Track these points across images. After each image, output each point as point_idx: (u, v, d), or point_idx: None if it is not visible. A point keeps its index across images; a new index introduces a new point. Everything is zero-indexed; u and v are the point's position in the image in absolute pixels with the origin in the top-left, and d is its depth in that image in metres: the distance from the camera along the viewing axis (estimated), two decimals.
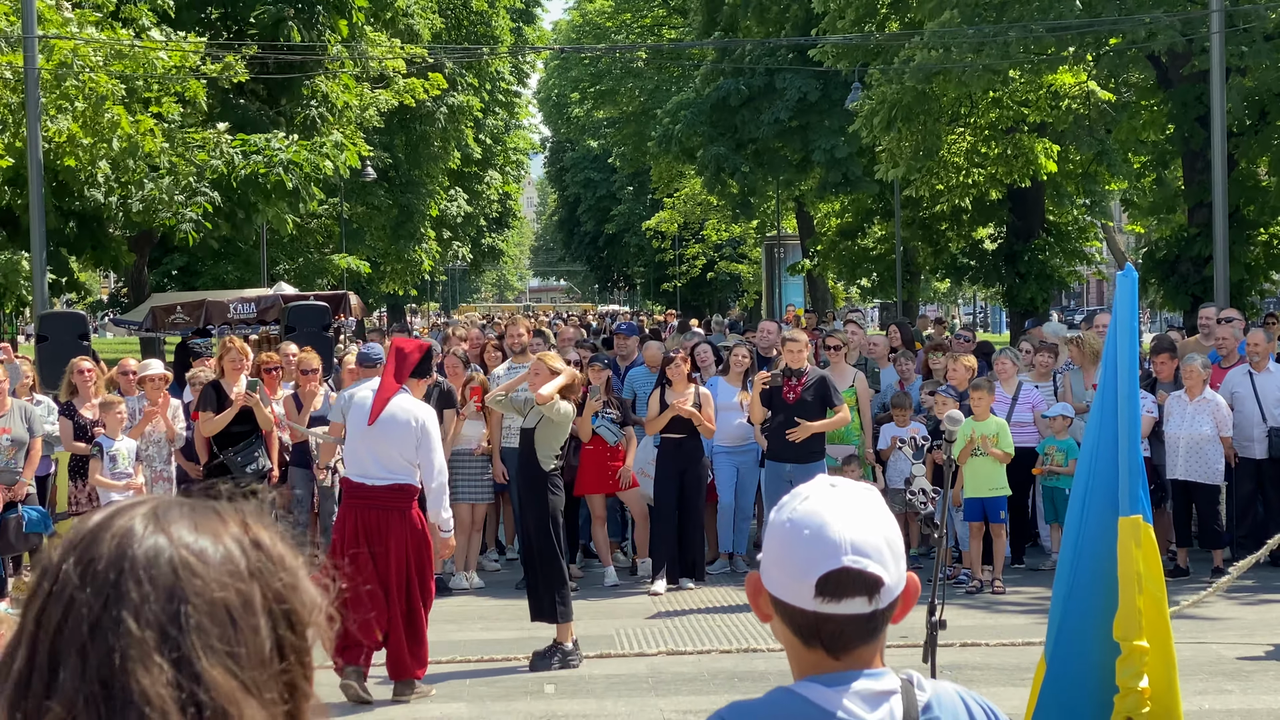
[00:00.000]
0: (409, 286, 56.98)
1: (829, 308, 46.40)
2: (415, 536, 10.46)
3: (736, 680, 10.76)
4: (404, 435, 10.38)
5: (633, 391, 15.80)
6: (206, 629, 1.47)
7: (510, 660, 11.53)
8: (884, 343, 17.53)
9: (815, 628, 2.36)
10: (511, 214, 74.71)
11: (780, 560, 2.39)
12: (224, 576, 1.51)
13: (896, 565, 2.38)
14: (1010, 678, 10.56)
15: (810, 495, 2.41)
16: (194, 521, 1.55)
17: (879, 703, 2.37)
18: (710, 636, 12.35)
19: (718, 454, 15.16)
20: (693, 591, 14.31)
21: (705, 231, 66.87)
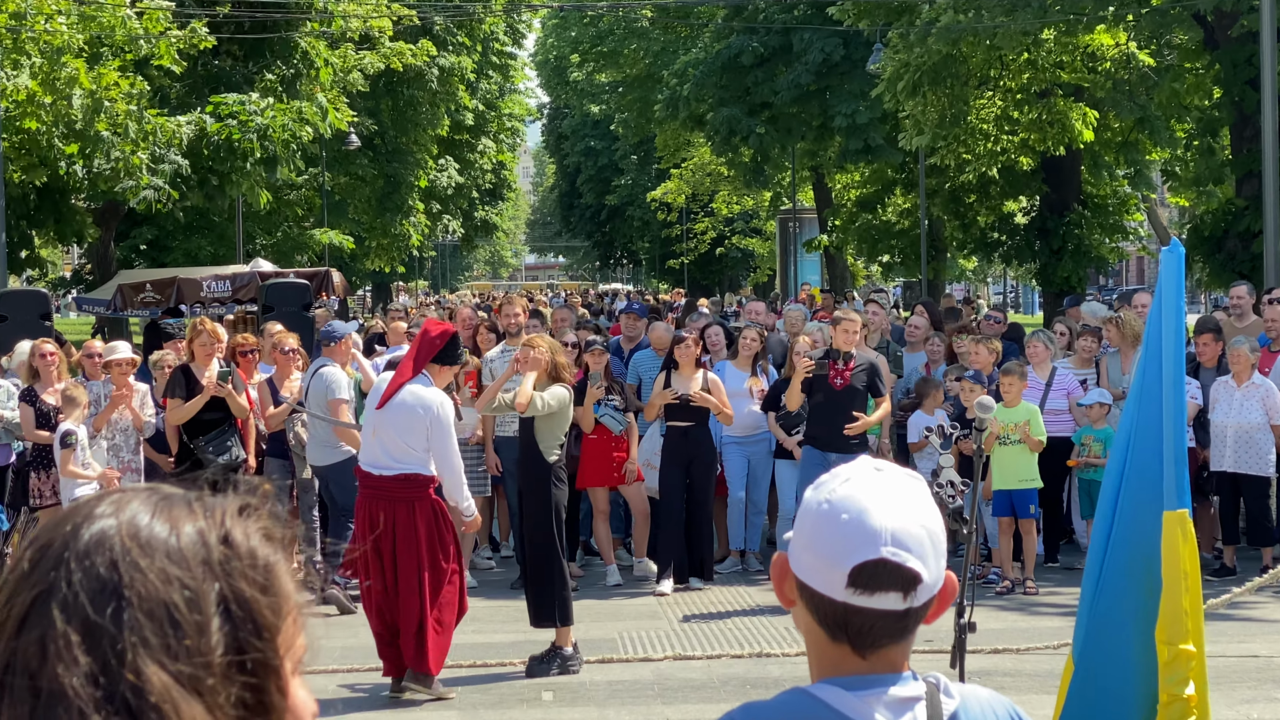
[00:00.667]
0: (395, 263, 57.02)
1: (848, 286, 46.38)
2: (427, 530, 10.51)
3: (749, 687, 10.76)
4: (411, 424, 10.43)
5: (638, 376, 15.78)
6: (142, 623, 1.46)
7: (505, 665, 11.54)
8: (924, 326, 17.48)
9: (843, 620, 2.35)
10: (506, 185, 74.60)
11: (813, 544, 2.37)
12: (170, 568, 1.49)
13: (937, 562, 2.37)
14: (1044, 685, 10.56)
15: (852, 477, 2.39)
16: (156, 508, 1.54)
17: (902, 711, 2.36)
18: (720, 640, 12.36)
19: (727, 444, 15.15)
20: (701, 592, 14.31)
21: (715, 204, 66.83)
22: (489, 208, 72.44)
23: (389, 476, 10.52)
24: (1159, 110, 32.15)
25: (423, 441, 10.48)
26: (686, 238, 72.22)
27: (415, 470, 10.52)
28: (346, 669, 11.41)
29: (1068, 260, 34.42)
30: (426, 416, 10.42)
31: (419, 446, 10.48)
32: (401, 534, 10.46)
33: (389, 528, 10.49)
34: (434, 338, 10.70)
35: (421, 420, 10.42)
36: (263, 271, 24.98)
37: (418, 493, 10.53)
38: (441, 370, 10.75)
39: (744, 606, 13.69)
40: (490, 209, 72.84)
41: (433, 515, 10.57)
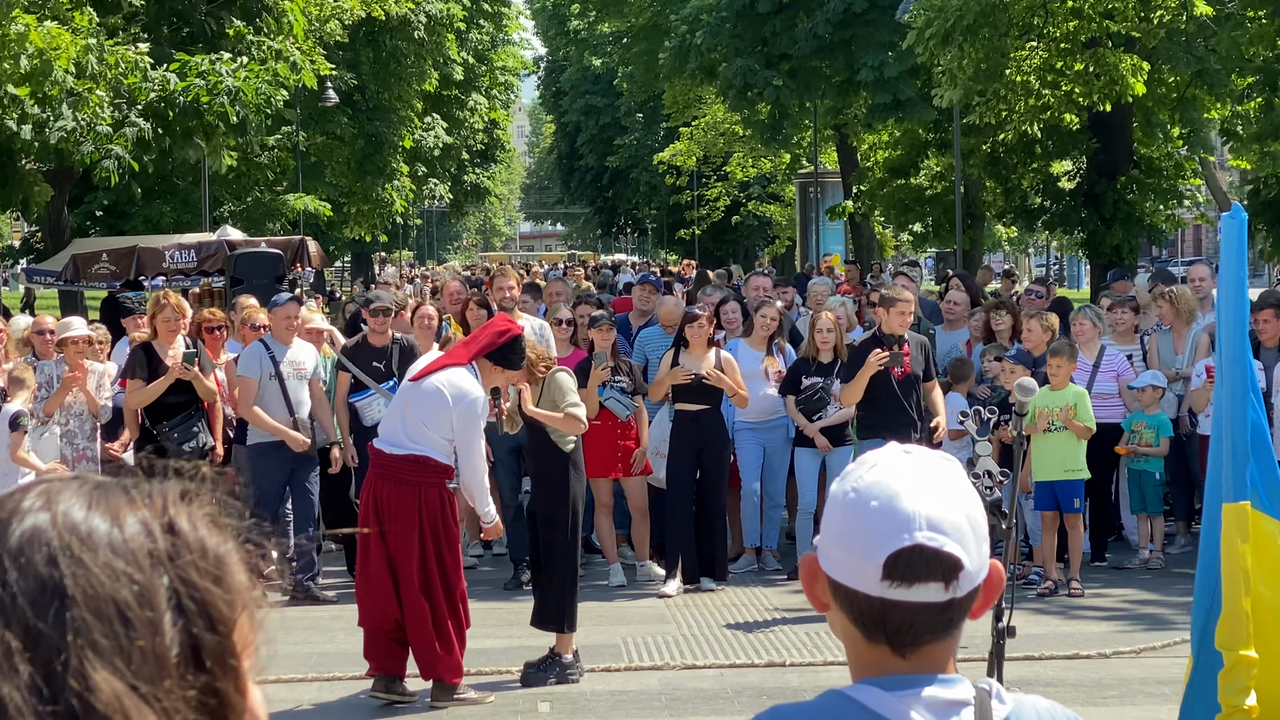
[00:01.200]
0: (377, 231, 56.98)
1: (875, 258, 46.34)
2: (431, 517, 10.58)
3: (765, 698, 10.77)
4: (438, 410, 10.51)
5: (644, 356, 15.78)
6: (89, 625, 1.46)
7: (498, 674, 11.55)
8: (965, 303, 17.44)
9: (880, 617, 2.36)
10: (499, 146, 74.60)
11: (842, 537, 2.38)
12: (116, 563, 1.49)
13: (979, 548, 2.38)
14: (1089, 696, 10.57)
15: (879, 462, 2.41)
16: (91, 499, 1.53)
17: (948, 715, 2.36)
18: (734, 647, 12.37)
19: (740, 431, 15.15)
20: (713, 593, 14.32)
21: (729, 167, 66.72)
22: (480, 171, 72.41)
23: (399, 456, 10.61)
24: (1218, 63, 32.06)
25: (444, 429, 10.56)
26: (697, 204, 72.15)
27: (429, 454, 10.57)
28: (328, 677, 11.42)
29: (1117, 229, 34.31)
30: (457, 408, 10.47)
31: (438, 432, 10.57)
32: (402, 520, 10.50)
33: (390, 512, 10.54)
34: (496, 332, 10.80)
35: (447, 408, 10.48)
36: (231, 240, 24.97)
37: (426, 478, 10.59)
38: (493, 370, 10.78)
39: (760, 609, 13.71)
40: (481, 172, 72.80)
41: (439, 506, 10.63)
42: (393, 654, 10.74)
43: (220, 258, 23.42)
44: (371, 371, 14.53)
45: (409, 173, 55.56)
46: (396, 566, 10.58)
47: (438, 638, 10.57)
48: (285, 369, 14.04)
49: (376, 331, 14.75)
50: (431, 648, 10.55)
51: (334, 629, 12.90)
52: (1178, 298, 15.89)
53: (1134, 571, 15.08)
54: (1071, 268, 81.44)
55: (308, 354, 14.30)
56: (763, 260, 66.00)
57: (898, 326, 13.66)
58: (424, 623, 10.54)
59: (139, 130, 25.41)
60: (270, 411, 13.88)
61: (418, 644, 10.59)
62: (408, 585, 10.55)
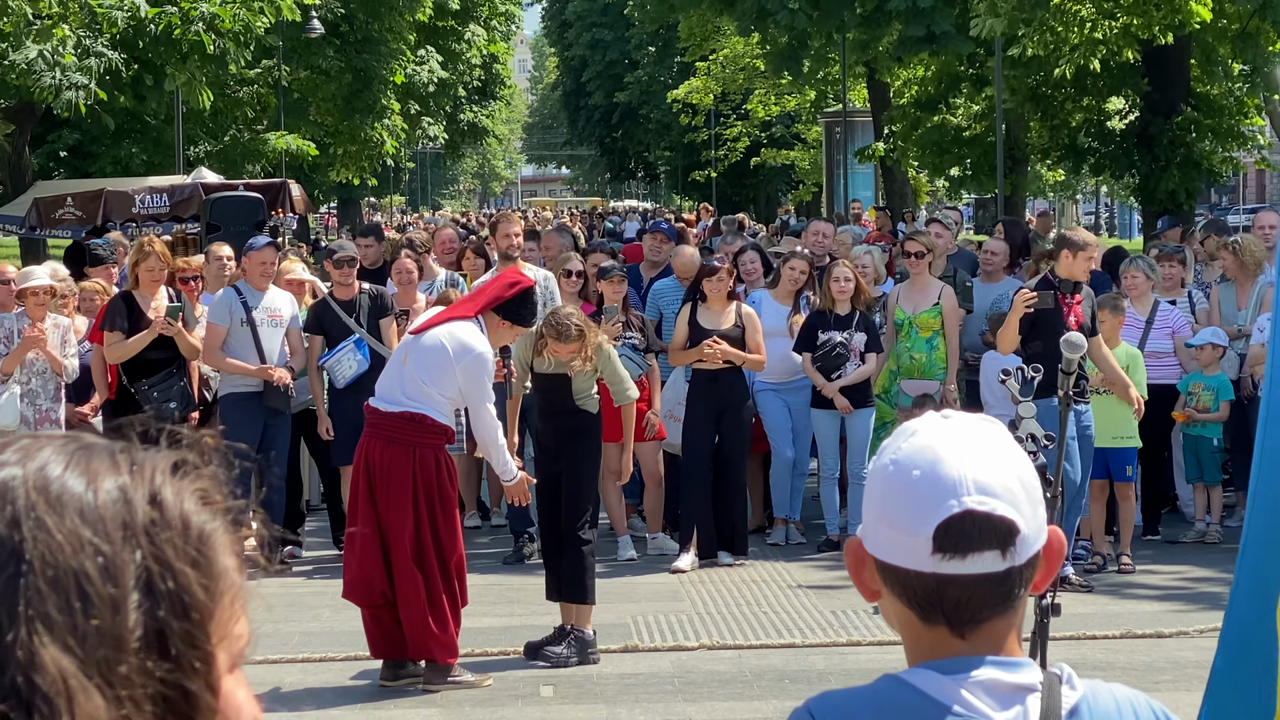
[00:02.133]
0: (366, 174, 56.96)
1: (908, 205, 46.25)
2: (426, 481, 10.58)
3: (787, 682, 10.77)
4: (440, 365, 10.51)
5: (658, 310, 15.74)
6: (43, 595, 1.44)
7: (497, 655, 11.55)
8: (1003, 251, 17.35)
9: (936, 595, 2.37)
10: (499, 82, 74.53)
11: (886, 513, 2.40)
12: (82, 530, 1.47)
13: (1034, 510, 2.39)
14: (1140, 680, 10.55)
15: (919, 430, 2.43)
16: (72, 458, 1.51)
17: (1011, 701, 2.37)
18: (753, 626, 12.38)
19: (760, 391, 15.10)
20: (732, 569, 14.32)
21: (750, 105, 66.60)
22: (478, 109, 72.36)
23: (394, 414, 10.61)
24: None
25: (445, 387, 10.56)
26: (715, 145, 72.02)
27: (426, 412, 10.58)
28: (319, 657, 11.43)
29: (1173, 172, 34.22)
30: (460, 364, 10.47)
31: (439, 389, 10.56)
32: (395, 482, 10.51)
33: (382, 474, 10.55)
34: (506, 284, 10.81)
35: (450, 364, 10.48)
36: (207, 183, 24.96)
37: (422, 438, 10.58)
38: (501, 325, 10.78)
39: (782, 585, 13.70)
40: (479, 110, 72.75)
41: (435, 469, 10.62)
42: (398, 638, 10.74)
43: (195, 202, 23.42)
44: (341, 328, 14.48)
45: (400, 111, 55.49)
46: (387, 534, 10.58)
47: (431, 614, 10.56)
48: (259, 315, 14.02)
49: (341, 284, 14.71)
50: (424, 625, 10.55)
51: (318, 605, 12.91)
52: (1242, 248, 15.83)
53: (1189, 546, 15.07)
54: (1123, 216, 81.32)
55: (284, 301, 14.27)
56: (786, 207, 65.90)
57: (1080, 272, 13.41)
58: (416, 597, 10.53)
59: (107, 60, 25.36)
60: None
61: (409, 620, 10.58)
62: (399, 555, 10.54)
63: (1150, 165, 34.62)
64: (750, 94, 65.32)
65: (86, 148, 37.16)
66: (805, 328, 14.95)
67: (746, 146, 69.84)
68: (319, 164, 48.65)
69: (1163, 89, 34.62)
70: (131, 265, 14.43)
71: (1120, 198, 57.60)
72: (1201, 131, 34.79)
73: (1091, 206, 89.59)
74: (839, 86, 52.81)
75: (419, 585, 10.53)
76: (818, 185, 62.99)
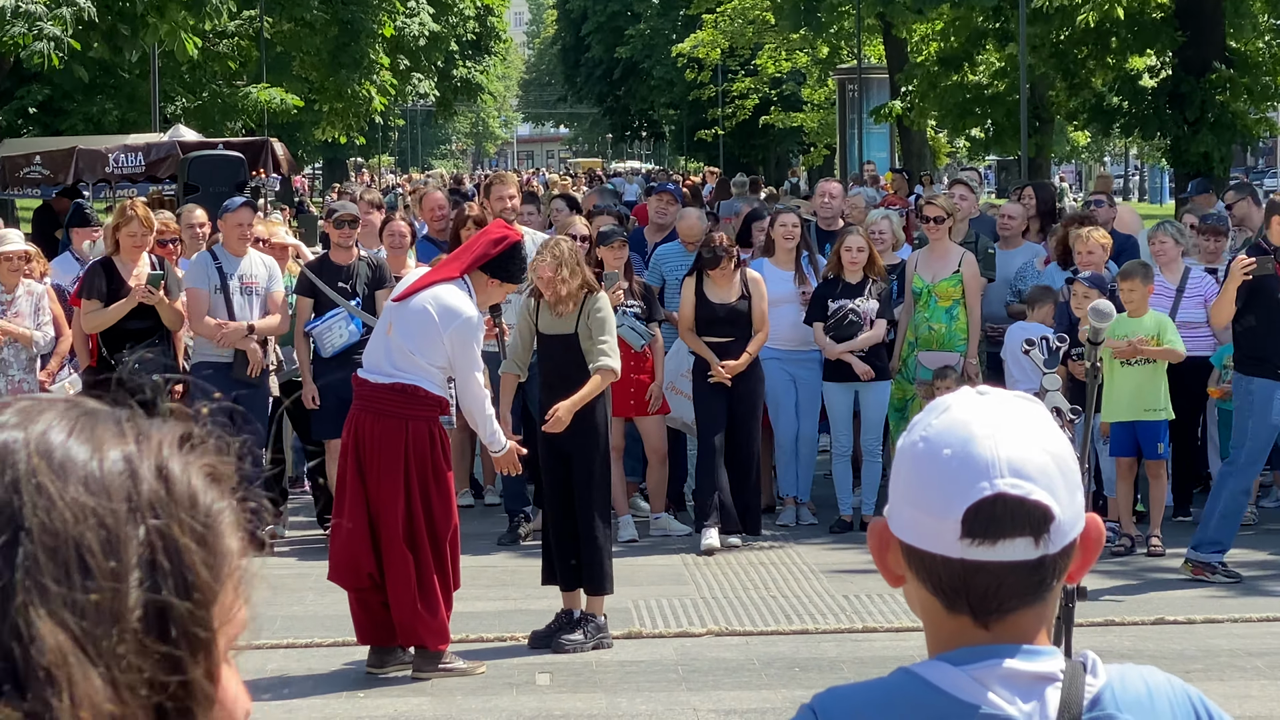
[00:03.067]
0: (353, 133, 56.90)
1: (926, 167, 46.21)
2: (420, 456, 10.57)
3: (798, 670, 10.77)
4: (426, 332, 10.50)
5: (660, 276, 15.72)
6: (41, 565, 1.44)
7: (493, 641, 11.56)
8: (1021, 215, 17.31)
9: (963, 582, 2.35)
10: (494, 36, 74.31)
11: (913, 494, 2.38)
12: (86, 499, 1.47)
13: (1071, 496, 2.37)
14: (1170, 669, 10.40)
15: (951, 406, 2.41)
16: (77, 424, 1.52)
17: (1031, 692, 2.34)
18: (761, 612, 12.38)
19: (766, 360, 15.03)
20: (738, 551, 14.31)
21: (759, 61, 66.51)
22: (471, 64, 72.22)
23: (384, 385, 10.60)
24: None
25: (434, 355, 10.54)
26: (722, 103, 71.92)
27: (417, 383, 10.56)
28: (304, 644, 11.43)
29: (1206, 133, 34.18)
30: (448, 330, 10.45)
31: (428, 359, 10.55)
32: (385, 458, 10.49)
33: (372, 449, 10.54)
34: (491, 240, 10.77)
35: (436, 330, 10.46)
36: (184, 142, 24.93)
37: (414, 411, 10.57)
38: (489, 284, 10.76)
39: (792, 569, 13.71)
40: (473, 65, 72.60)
41: (429, 444, 10.61)
42: (386, 623, 10.73)
43: (172, 162, 23.38)
44: (336, 292, 14.41)
45: (390, 66, 55.40)
46: (377, 513, 10.56)
47: (421, 597, 10.54)
48: (233, 283, 13.96)
49: (340, 246, 14.63)
50: (413, 609, 10.53)
51: (302, 588, 12.91)
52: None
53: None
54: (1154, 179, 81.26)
55: (261, 267, 14.18)
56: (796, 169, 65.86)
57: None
58: (406, 579, 10.51)
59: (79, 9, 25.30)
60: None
61: (398, 603, 10.57)
62: (389, 535, 10.52)
63: (1181, 126, 34.58)
64: (759, 49, 65.21)
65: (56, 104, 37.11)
66: (815, 297, 14.93)
67: (755, 105, 69.73)
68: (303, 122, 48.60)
69: (1196, 45, 34.55)
70: (111, 229, 14.38)
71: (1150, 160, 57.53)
72: (1235, 90, 34.73)
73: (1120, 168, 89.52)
74: (853, 42, 52.68)
75: (409, 567, 10.51)
76: (830, 147, 62.91)
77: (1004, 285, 16.21)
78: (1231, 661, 10.93)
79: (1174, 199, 38.56)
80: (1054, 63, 37.00)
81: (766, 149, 75.66)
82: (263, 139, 26.50)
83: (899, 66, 47.46)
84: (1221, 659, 10.96)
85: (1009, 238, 17.03)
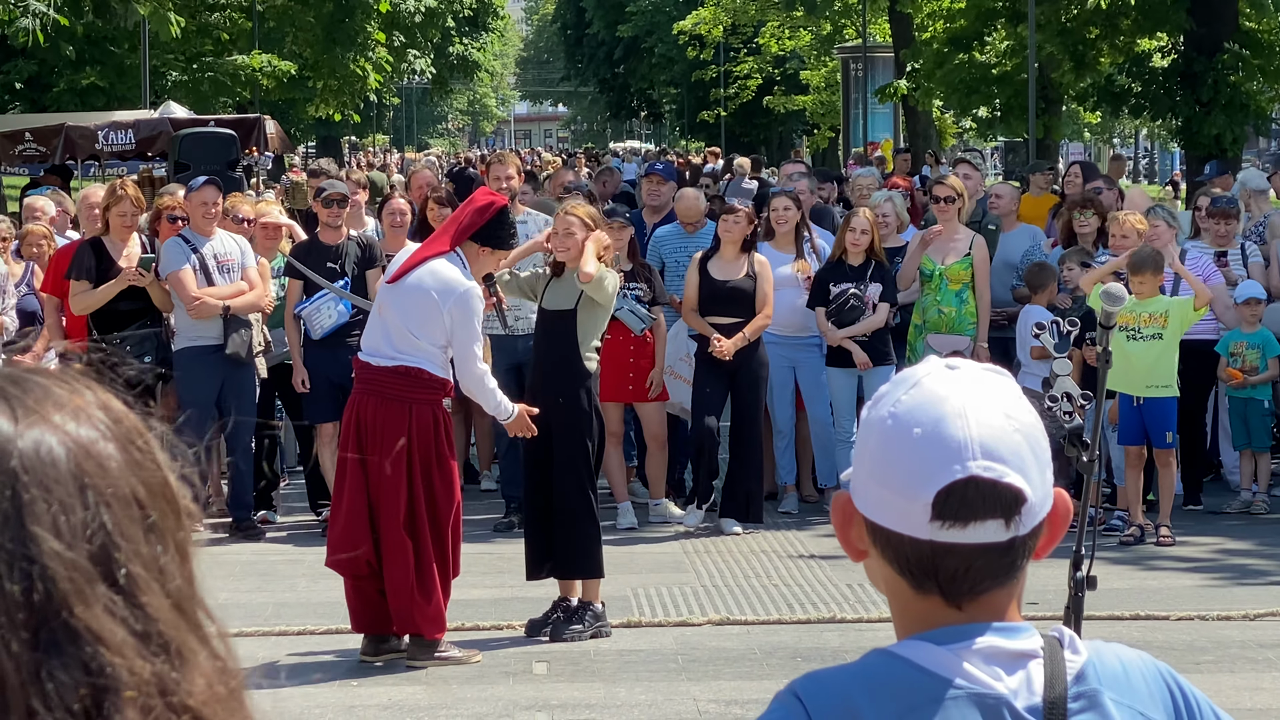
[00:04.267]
0: (348, 110, 56.82)
1: (933, 147, 46.16)
2: (422, 441, 10.57)
3: (799, 660, 10.77)
4: (424, 310, 10.49)
5: (659, 258, 15.70)
6: (130, 537, 1.47)
7: (489, 629, 11.55)
8: (1009, 196, 17.34)
9: (931, 564, 2.34)
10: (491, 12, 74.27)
11: (880, 472, 2.36)
12: (124, 471, 1.50)
13: (1041, 475, 2.36)
14: (1180, 661, 10.53)
15: (920, 380, 2.38)
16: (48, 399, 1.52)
17: (1013, 668, 2.34)
18: (763, 601, 12.39)
19: (766, 344, 15.01)
20: (740, 538, 14.31)
21: (761, 39, 66.45)
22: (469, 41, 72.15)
23: (386, 368, 10.59)
24: None
25: (436, 335, 10.53)
26: (724, 82, 71.85)
27: (420, 365, 10.55)
28: (295, 631, 11.43)
29: (1218, 114, 34.11)
30: (444, 303, 10.43)
31: (430, 339, 10.54)
32: (387, 442, 10.48)
33: (374, 434, 10.52)
34: (478, 209, 10.74)
35: (436, 307, 10.45)
36: (175, 119, 24.92)
37: (418, 394, 10.57)
38: (482, 253, 10.72)
39: (794, 557, 13.70)
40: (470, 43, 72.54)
41: (432, 428, 10.61)
42: (382, 610, 10.73)
43: (163, 139, 23.37)
44: (325, 273, 14.34)
45: (385, 43, 55.34)
46: (377, 499, 10.56)
47: (418, 585, 10.53)
48: (210, 263, 13.88)
49: (329, 225, 14.58)
50: (410, 595, 10.53)
51: (294, 575, 12.90)
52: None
53: (1233, 516, 15.05)
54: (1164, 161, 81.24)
55: (233, 244, 14.08)
56: (799, 150, 65.80)
57: None
58: (404, 566, 10.51)
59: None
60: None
61: (394, 590, 10.56)
62: (389, 521, 10.51)
63: (1192, 107, 34.52)
64: (762, 27, 65.13)
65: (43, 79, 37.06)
66: (817, 281, 14.92)
67: (758, 84, 69.66)
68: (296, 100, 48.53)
69: (1208, 23, 34.48)
70: (102, 209, 14.35)
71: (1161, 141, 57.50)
72: (1248, 70, 34.64)
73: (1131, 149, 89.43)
74: (858, 20, 52.63)
75: (408, 554, 10.51)
76: (835, 129, 62.86)
77: (1006, 269, 16.20)
78: (1242, 653, 10.93)
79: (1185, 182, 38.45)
80: (1059, 42, 36.90)
81: (769, 129, 75.59)
82: (255, 116, 26.48)
83: (905, 44, 47.40)
84: (1232, 650, 10.96)
85: (1004, 215, 17.02)
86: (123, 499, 1.49)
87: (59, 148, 23.55)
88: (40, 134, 24.24)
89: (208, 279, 13.81)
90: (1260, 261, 15.85)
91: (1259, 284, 15.25)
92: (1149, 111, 37.49)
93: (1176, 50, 36.23)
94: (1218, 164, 24.00)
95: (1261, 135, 44.84)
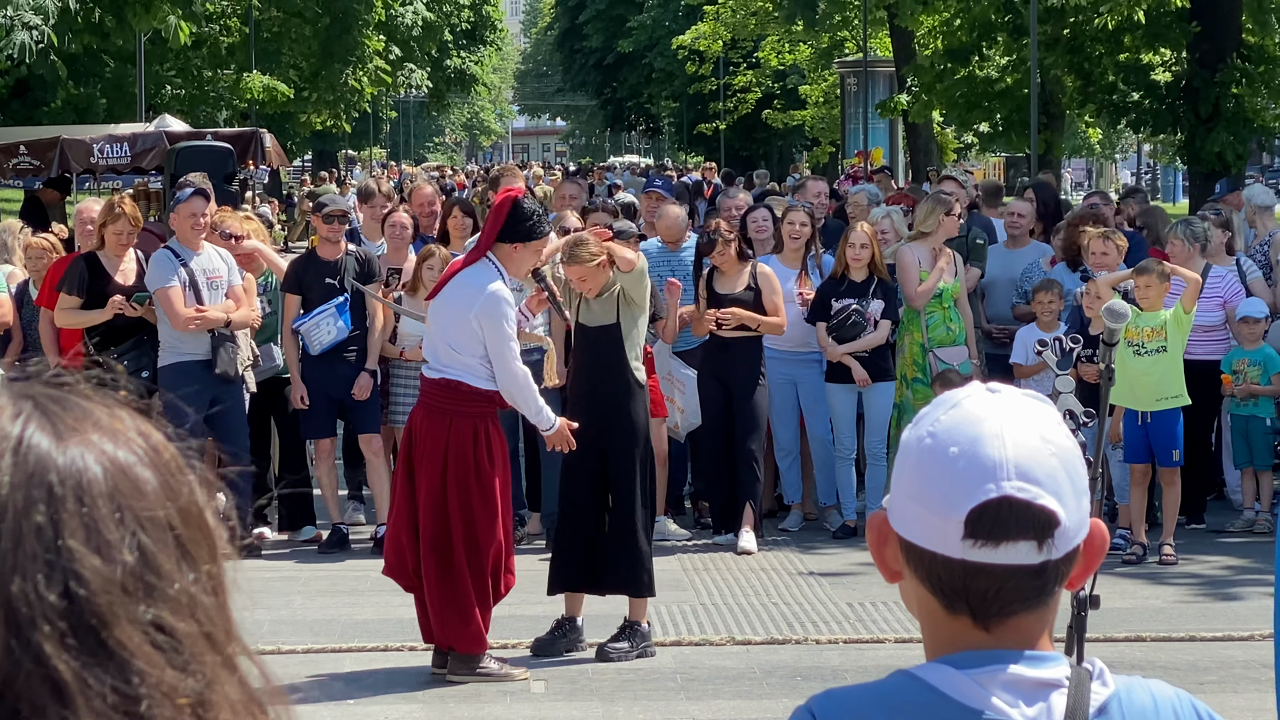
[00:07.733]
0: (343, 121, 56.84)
1: (934, 162, 46.19)
2: (460, 455, 10.55)
3: (800, 679, 10.76)
4: (458, 319, 10.53)
5: None
6: (163, 561, 1.50)
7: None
8: (1030, 215, 17.34)
9: (962, 584, 2.36)
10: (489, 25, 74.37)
11: (917, 490, 2.39)
12: (160, 496, 1.53)
13: (1077, 501, 2.38)
14: (1183, 681, 10.51)
15: (960, 402, 2.42)
16: (88, 419, 1.54)
17: (1035, 698, 2.36)
18: (763, 620, 12.38)
19: (768, 360, 15.01)
20: (739, 557, 14.29)
21: (761, 54, 66.50)
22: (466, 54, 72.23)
23: (433, 380, 10.71)
24: None
25: (472, 345, 10.52)
26: (723, 96, 71.89)
27: (460, 378, 10.56)
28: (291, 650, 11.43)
29: (1221, 130, 34.10)
30: (470, 310, 10.44)
31: (467, 350, 10.53)
32: (428, 456, 10.55)
33: (420, 446, 10.61)
34: (495, 210, 10.82)
35: (466, 314, 10.46)
36: (171, 132, 24.87)
37: (459, 406, 10.57)
38: (515, 251, 10.63)
39: (795, 575, 13.69)
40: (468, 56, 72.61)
41: (471, 442, 10.58)
42: None
43: (159, 153, 23.33)
44: (323, 289, 14.31)
45: (382, 55, 55.36)
46: (419, 512, 10.63)
47: (451, 601, 10.53)
48: (200, 279, 13.81)
49: (329, 241, 14.56)
50: (443, 611, 10.56)
51: (289, 592, 12.90)
52: None
53: (1236, 535, 15.04)
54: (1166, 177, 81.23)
55: (219, 260, 14.02)
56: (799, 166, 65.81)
57: None
58: (435, 580, 10.54)
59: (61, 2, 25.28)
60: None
61: (430, 605, 10.62)
62: (423, 534, 10.58)
63: (1195, 123, 34.51)
64: (762, 41, 65.18)
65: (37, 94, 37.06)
66: (818, 296, 14.92)
67: (757, 98, 69.71)
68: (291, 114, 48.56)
69: (1211, 39, 34.50)
70: (99, 225, 14.33)
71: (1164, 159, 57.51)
72: (1252, 85, 34.65)
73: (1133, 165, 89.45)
74: (858, 34, 52.67)
75: (439, 569, 10.54)
76: (835, 144, 62.89)
77: (1010, 286, 16.22)
78: (1246, 673, 10.92)
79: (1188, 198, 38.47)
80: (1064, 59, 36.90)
81: (768, 143, 75.63)
82: (253, 129, 26.43)
83: (905, 60, 47.45)
84: (1235, 671, 10.95)
85: (1017, 236, 17.07)
86: (157, 523, 1.51)
87: (54, 161, 23.55)
88: (35, 147, 24.20)
89: (196, 295, 13.73)
90: (1259, 278, 15.86)
91: (1261, 301, 15.26)
92: (1150, 127, 37.52)
93: (1179, 65, 36.24)
94: (1226, 182, 24.02)
95: (1266, 151, 44.83)
